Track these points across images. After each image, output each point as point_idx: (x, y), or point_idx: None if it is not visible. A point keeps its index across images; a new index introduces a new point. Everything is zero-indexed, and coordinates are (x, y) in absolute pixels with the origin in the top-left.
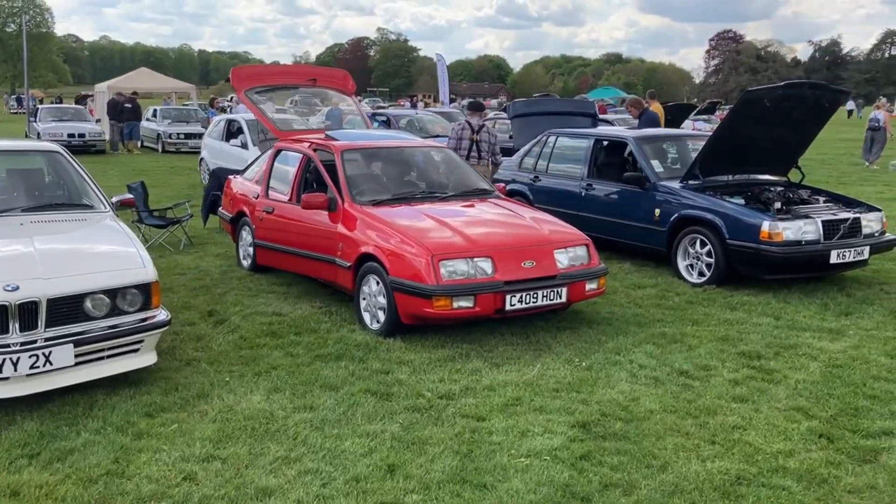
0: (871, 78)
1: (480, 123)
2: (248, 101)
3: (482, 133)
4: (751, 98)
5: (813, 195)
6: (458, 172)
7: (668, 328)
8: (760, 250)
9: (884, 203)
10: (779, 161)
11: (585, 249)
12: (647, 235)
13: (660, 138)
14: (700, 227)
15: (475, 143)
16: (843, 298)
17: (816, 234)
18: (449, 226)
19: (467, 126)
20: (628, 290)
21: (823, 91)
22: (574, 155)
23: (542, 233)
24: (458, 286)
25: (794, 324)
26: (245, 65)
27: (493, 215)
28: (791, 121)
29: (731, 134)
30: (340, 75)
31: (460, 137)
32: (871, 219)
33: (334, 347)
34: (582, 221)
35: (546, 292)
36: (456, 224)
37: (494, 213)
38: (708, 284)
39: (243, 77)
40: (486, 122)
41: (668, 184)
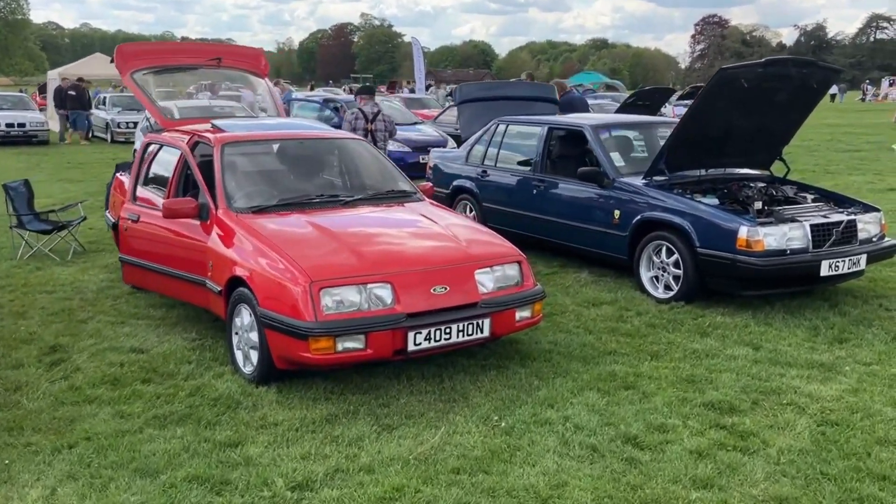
0: (857, 62)
1: (375, 111)
2: (133, 85)
3: (377, 122)
4: (725, 77)
5: (800, 192)
6: (373, 170)
7: (621, 365)
8: (737, 261)
9: (875, 195)
10: (760, 152)
11: (517, 268)
12: (606, 241)
13: (623, 126)
14: (665, 233)
15: (370, 133)
16: (836, 318)
17: (804, 241)
18: (342, 241)
19: (360, 115)
20: (580, 309)
21: (811, 69)
22: (525, 146)
23: (461, 248)
24: (343, 322)
25: (778, 356)
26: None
27: (403, 226)
28: (774, 104)
29: (702, 120)
30: (251, 54)
31: (354, 128)
32: (868, 220)
33: (183, 403)
34: (534, 224)
35: (463, 325)
36: (351, 239)
37: (406, 222)
38: (675, 301)
39: (129, 56)
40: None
41: (629, 180)
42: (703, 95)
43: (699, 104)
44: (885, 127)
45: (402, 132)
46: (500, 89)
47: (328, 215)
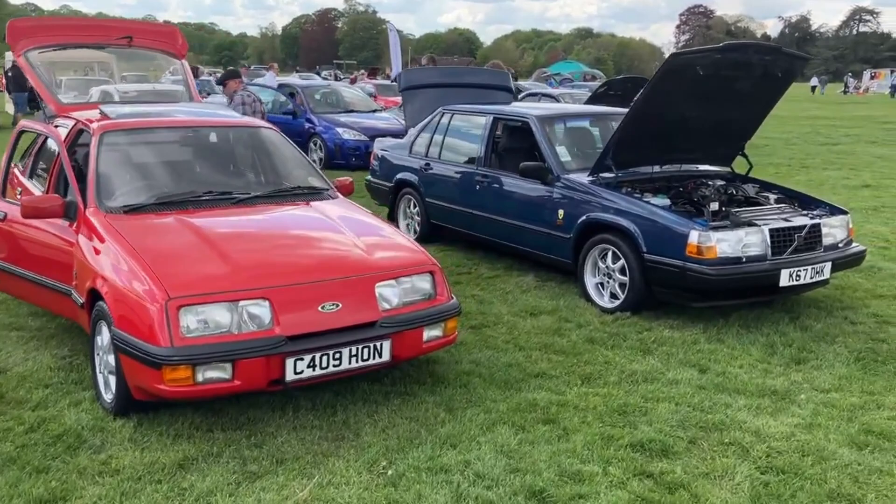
0: (840, 55)
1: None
2: (25, 65)
3: (242, 108)
4: (678, 64)
5: (762, 192)
6: (280, 163)
7: (546, 391)
8: (686, 270)
9: (849, 192)
10: (720, 147)
11: (429, 280)
12: (550, 244)
13: (574, 116)
14: (610, 236)
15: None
16: (795, 334)
17: (762, 248)
18: (218, 248)
19: (245, 100)
20: (516, 320)
21: (774, 56)
22: (470, 137)
23: (362, 257)
24: (206, 348)
25: (726, 381)
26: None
27: (298, 230)
28: (734, 95)
29: (653, 112)
30: (166, 32)
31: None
32: (835, 224)
33: (16, 442)
34: (477, 222)
35: (357, 349)
36: (229, 246)
37: (303, 225)
38: (621, 311)
39: (22, 32)
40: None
41: (574, 177)
42: (652, 84)
43: (648, 94)
44: (864, 120)
45: (360, 119)
46: (448, 76)
47: (213, 217)
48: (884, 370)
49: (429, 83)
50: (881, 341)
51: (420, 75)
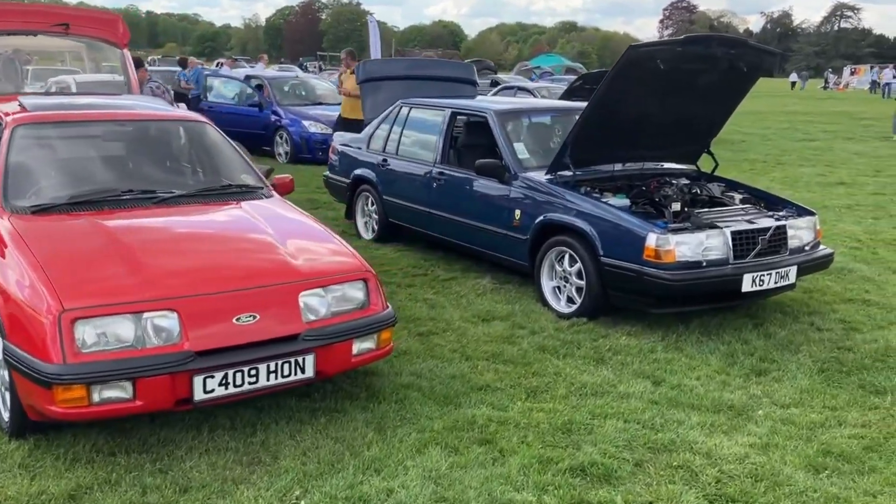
0: (821, 51)
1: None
2: None
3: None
4: (636, 57)
5: (728, 191)
6: (211, 160)
7: (487, 407)
8: (644, 274)
9: (823, 189)
10: (684, 144)
11: (362, 287)
12: (507, 245)
13: (536, 111)
14: (567, 238)
15: None
16: (758, 342)
17: (724, 251)
18: (127, 254)
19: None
20: (467, 327)
21: (740, 50)
22: (428, 132)
23: (287, 263)
24: (103, 365)
25: (680, 395)
26: None
27: (221, 233)
28: (699, 90)
29: (612, 107)
30: (106, 20)
31: None
32: (801, 226)
33: None
34: (434, 222)
35: (276, 365)
36: (140, 252)
37: (227, 228)
38: (577, 316)
39: None
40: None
41: (532, 176)
42: (610, 78)
43: (606, 89)
44: (843, 116)
45: (328, 112)
46: (410, 68)
47: (129, 218)
48: (847, 382)
49: (389, 75)
50: (847, 350)
51: (380, 67)
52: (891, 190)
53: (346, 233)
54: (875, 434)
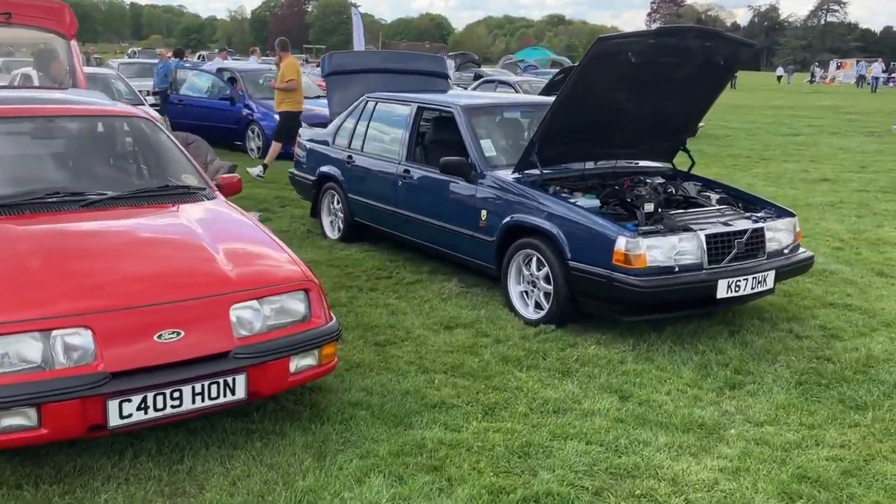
0: (808, 44)
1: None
2: None
3: None
4: (606, 50)
5: (704, 191)
6: (150, 159)
7: (440, 428)
8: (613, 280)
9: (807, 185)
10: (659, 141)
11: (303, 299)
12: (473, 247)
13: (505, 107)
14: (534, 240)
15: None
16: (734, 351)
17: (698, 256)
18: (39, 265)
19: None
20: (428, 335)
21: (716, 42)
22: (394, 128)
23: (218, 272)
24: (3, 390)
25: (648, 412)
26: None
27: (146, 240)
28: (674, 84)
29: (581, 103)
30: (52, 9)
31: None
32: (780, 228)
33: None
34: (399, 222)
35: (202, 386)
36: (55, 261)
37: (157, 234)
38: (545, 323)
39: None
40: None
41: (499, 175)
42: (578, 72)
43: (574, 83)
44: (828, 110)
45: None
46: (379, 60)
47: (50, 223)
48: (826, 396)
49: (356, 68)
50: (826, 360)
51: (347, 60)
52: (875, 187)
53: (311, 232)
54: (854, 456)
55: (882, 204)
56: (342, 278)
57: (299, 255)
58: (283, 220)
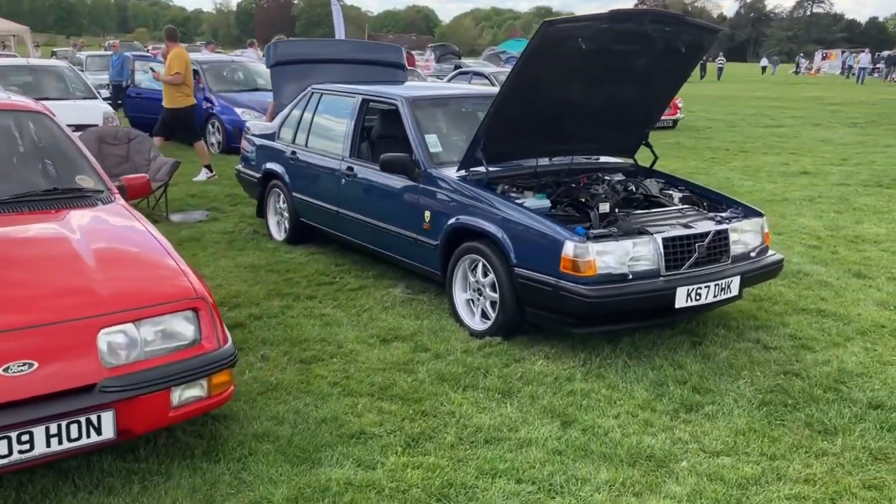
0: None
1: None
2: None
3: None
4: (553, 36)
5: (666, 188)
6: (39, 158)
7: (351, 466)
8: (560, 289)
9: (785, 179)
10: (618, 135)
11: (192, 319)
12: (417, 251)
13: (452, 99)
14: (478, 244)
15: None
16: (693, 365)
17: (654, 261)
18: None
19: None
20: (361, 350)
21: (676, 27)
22: (338, 122)
23: (86, 291)
24: None
25: (592, 440)
26: None
27: (9, 253)
28: (633, 73)
29: (531, 94)
30: None
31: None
32: (746, 229)
33: None
34: (343, 223)
35: (60, 426)
36: None
37: (21, 246)
38: (491, 335)
39: None
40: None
41: (444, 172)
42: (523, 61)
43: (519, 73)
44: (812, 101)
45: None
46: (328, 50)
47: None
48: (792, 419)
49: (304, 58)
50: (795, 375)
51: (294, 49)
52: (855, 180)
53: (258, 233)
54: (819, 494)
55: (862, 198)
56: (280, 285)
57: (241, 259)
58: (231, 219)
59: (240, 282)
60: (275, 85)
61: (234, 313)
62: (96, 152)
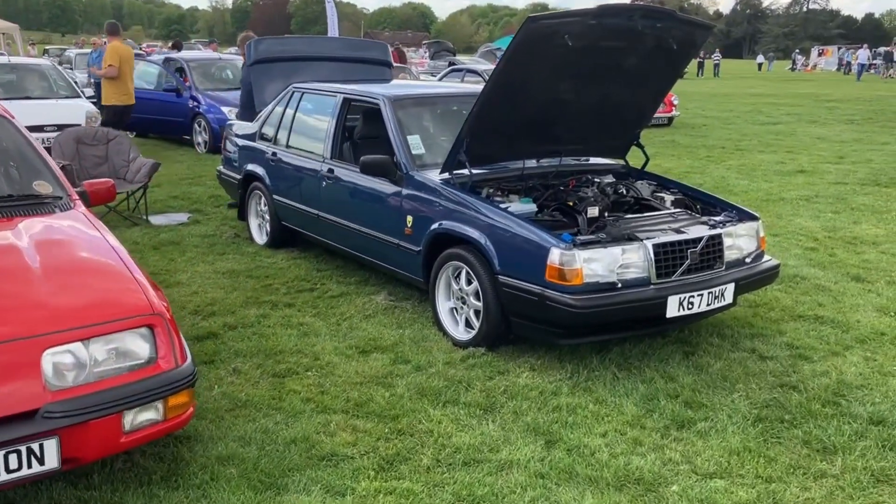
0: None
1: None
2: None
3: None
4: (538, 32)
5: (658, 191)
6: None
7: (318, 493)
8: (546, 298)
9: (782, 178)
10: (607, 136)
11: (147, 337)
12: (400, 257)
13: (437, 98)
14: (461, 251)
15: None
16: (686, 378)
17: (644, 269)
18: None
19: None
20: (339, 362)
21: (667, 23)
22: (319, 122)
23: (31, 307)
24: None
25: (577, 461)
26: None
27: None
28: (624, 72)
29: (516, 93)
30: None
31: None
32: (741, 234)
33: None
34: (324, 228)
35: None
36: None
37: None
38: (475, 345)
39: None
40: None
41: (426, 175)
42: (506, 59)
43: (502, 72)
44: (808, 98)
45: None
46: (310, 47)
47: None
48: (789, 437)
49: (286, 56)
50: (792, 388)
51: (275, 47)
52: (853, 178)
53: (239, 236)
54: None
55: (859, 198)
56: (258, 292)
57: (220, 264)
58: (214, 221)
59: (217, 289)
60: (255, 84)
61: (207, 323)
62: (74, 153)
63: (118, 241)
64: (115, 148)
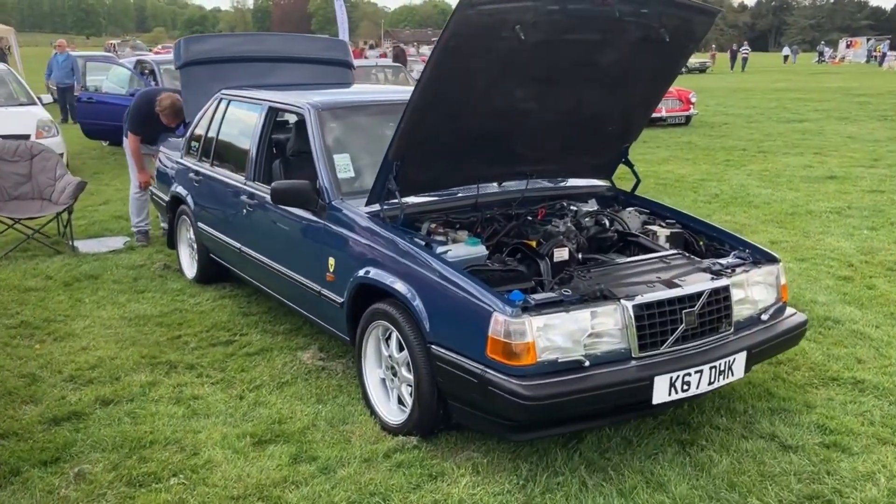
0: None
1: None
2: None
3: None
4: (474, 21)
5: (651, 221)
6: None
7: None
8: (486, 382)
9: (809, 186)
10: (592, 152)
11: None
12: (323, 308)
13: (377, 107)
14: (387, 308)
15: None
16: (680, 485)
17: (622, 338)
18: None
19: None
20: (221, 459)
21: (657, 8)
22: (244, 136)
23: None
24: None
25: None
26: None
27: None
28: (603, 72)
29: (454, 102)
30: None
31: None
32: (756, 281)
33: None
34: (245, 262)
35: None
36: None
37: None
38: (406, 433)
39: None
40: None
41: (352, 207)
42: (435, 60)
43: (432, 75)
44: (836, 92)
45: None
46: (251, 46)
47: None
48: None
49: (221, 57)
50: (825, 502)
51: (209, 46)
52: (891, 185)
53: (169, 268)
54: None
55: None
56: (162, 346)
57: (132, 306)
58: (150, 249)
59: (112, 343)
60: (184, 91)
61: (77, 396)
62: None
63: None
64: (41, 165)
